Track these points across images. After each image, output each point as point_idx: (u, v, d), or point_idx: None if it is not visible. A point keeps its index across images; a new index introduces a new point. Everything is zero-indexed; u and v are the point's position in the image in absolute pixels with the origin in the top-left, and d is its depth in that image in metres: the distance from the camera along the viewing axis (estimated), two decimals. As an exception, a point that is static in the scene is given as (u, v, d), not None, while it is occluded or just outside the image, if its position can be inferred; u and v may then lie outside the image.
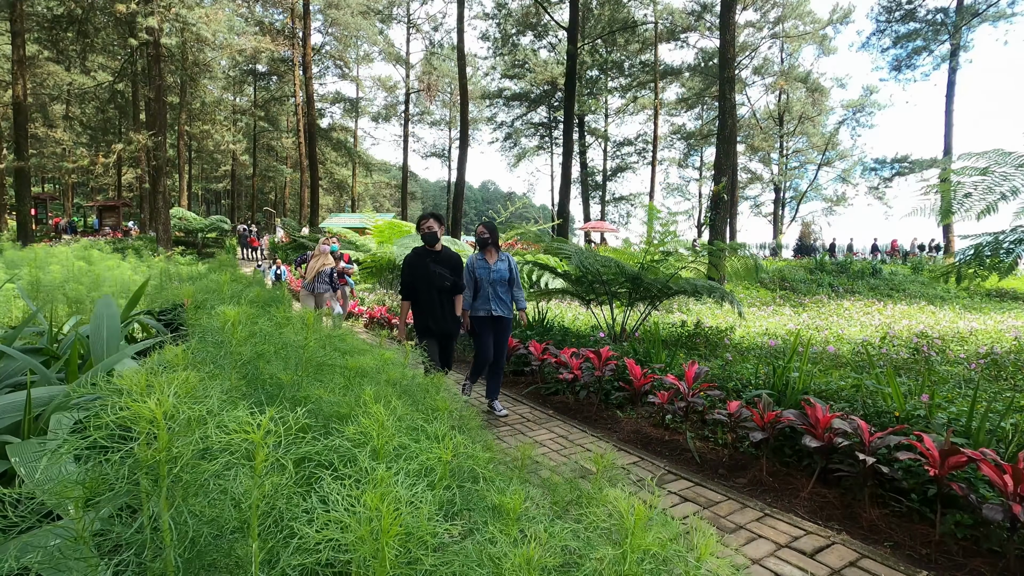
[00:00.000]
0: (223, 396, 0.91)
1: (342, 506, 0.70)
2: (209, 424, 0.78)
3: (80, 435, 0.75)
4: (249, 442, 0.76)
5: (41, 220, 27.76)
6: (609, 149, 41.95)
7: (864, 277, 18.98)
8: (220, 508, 0.76)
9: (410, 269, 4.18)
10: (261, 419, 0.77)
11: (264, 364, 1.37)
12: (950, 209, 4.79)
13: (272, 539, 0.75)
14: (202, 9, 21.33)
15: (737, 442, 3.56)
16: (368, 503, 0.66)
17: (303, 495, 0.81)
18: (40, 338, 3.06)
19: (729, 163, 17.17)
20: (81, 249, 11.72)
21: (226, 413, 0.80)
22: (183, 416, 0.78)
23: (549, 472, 1.20)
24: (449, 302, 4.24)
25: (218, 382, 0.97)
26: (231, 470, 0.77)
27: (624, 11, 32.77)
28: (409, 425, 1.00)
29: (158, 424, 0.74)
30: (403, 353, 1.91)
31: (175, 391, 0.79)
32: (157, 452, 0.74)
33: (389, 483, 0.71)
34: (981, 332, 8.04)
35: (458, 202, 24.71)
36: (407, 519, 0.68)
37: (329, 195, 47.43)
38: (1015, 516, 2.14)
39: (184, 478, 0.78)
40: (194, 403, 0.80)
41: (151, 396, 0.75)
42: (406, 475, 0.80)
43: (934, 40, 28.36)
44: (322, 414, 1.16)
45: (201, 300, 2.56)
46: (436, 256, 4.21)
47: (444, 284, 4.15)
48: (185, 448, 0.76)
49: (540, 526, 0.75)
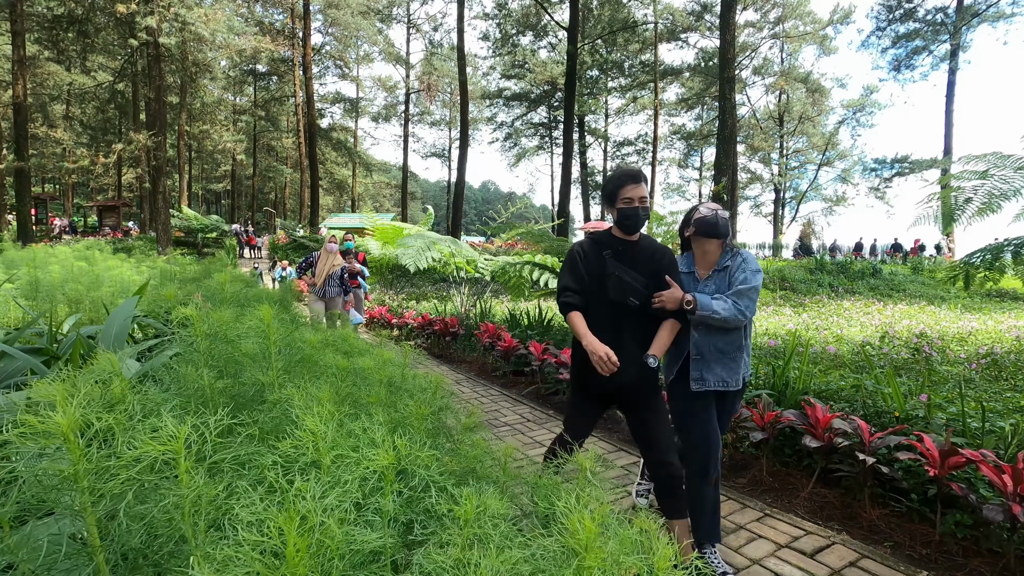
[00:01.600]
0: (149, 404, 0.89)
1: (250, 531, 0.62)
2: (118, 436, 0.76)
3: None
4: (168, 452, 0.73)
5: (41, 220, 27.79)
6: (609, 149, 41.96)
7: (864, 277, 18.98)
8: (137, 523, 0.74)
9: (577, 267, 2.26)
10: (182, 428, 0.74)
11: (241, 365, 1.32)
12: (952, 217, 4.78)
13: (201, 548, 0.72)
14: (201, 9, 21.34)
15: (737, 442, 3.56)
16: (280, 525, 0.59)
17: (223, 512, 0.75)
18: (40, 338, 3.06)
19: (729, 163, 17.16)
20: (83, 249, 11.72)
21: (139, 424, 0.78)
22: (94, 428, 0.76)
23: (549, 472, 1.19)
24: (641, 332, 2.22)
25: (137, 393, 0.95)
26: (135, 486, 0.74)
27: (624, 11, 32.77)
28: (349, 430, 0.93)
29: (67, 438, 0.73)
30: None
31: (85, 402, 0.78)
32: (73, 465, 0.73)
33: (307, 497, 0.65)
34: (981, 332, 8.03)
35: (458, 202, 24.72)
36: (331, 541, 0.62)
37: (329, 195, 47.43)
38: (1015, 516, 2.14)
39: (98, 490, 0.76)
40: (104, 413, 0.79)
41: (59, 409, 0.74)
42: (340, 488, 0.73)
43: (934, 40, 28.39)
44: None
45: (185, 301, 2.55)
46: (627, 251, 2.24)
47: (632, 301, 2.18)
48: (96, 462, 0.74)
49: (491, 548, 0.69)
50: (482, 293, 13.63)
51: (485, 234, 29.82)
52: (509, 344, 6.00)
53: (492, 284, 14.24)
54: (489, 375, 6.22)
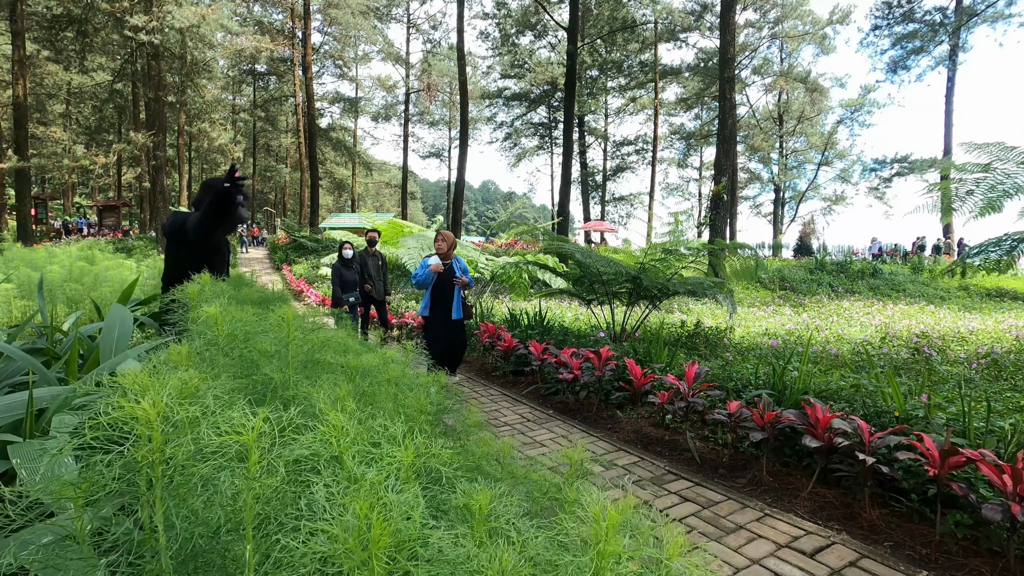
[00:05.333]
0: (221, 396, 0.90)
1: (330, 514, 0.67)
2: (202, 425, 0.78)
3: (78, 436, 0.75)
4: (241, 444, 0.75)
5: (41, 220, 27.80)
6: (609, 149, 41.96)
7: (864, 277, 18.99)
8: (211, 511, 0.75)
9: None
10: (254, 420, 0.76)
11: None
12: (951, 206, 4.77)
13: (266, 543, 0.74)
14: (192, 8, 21.30)
15: (737, 442, 3.57)
16: (357, 511, 0.64)
17: (295, 499, 0.79)
18: (40, 338, 3.06)
19: (729, 163, 17.18)
20: (85, 248, 11.73)
21: (219, 414, 0.80)
22: (177, 417, 0.77)
23: (548, 472, 1.19)
24: None
25: (216, 383, 0.97)
26: (221, 472, 0.77)
27: (624, 11, 32.77)
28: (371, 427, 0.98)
29: (152, 425, 0.74)
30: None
31: (170, 392, 0.79)
32: (151, 453, 0.74)
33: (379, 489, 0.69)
34: (981, 332, 8.03)
35: (458, 202, 24.72)
36: (399, 526, 0.66)
37: (329, 195, 47.44)
38: (1014, 516, 2.14)
39: (176, 479, 0.77)
40: (189, 404, 0.80)
41: (146, 397, 0.75)
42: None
43: (931, 40, 28.40)
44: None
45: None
46: None
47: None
48: (177, 450, 0.75)
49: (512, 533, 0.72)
50: (482, 293, 13.64)
51: (485, 234, 29.81)
52: (509, 344, 5.99)
53: (492, 284, 14.25)
54: (489, 375, 6.22)
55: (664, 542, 0.72)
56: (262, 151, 44.37)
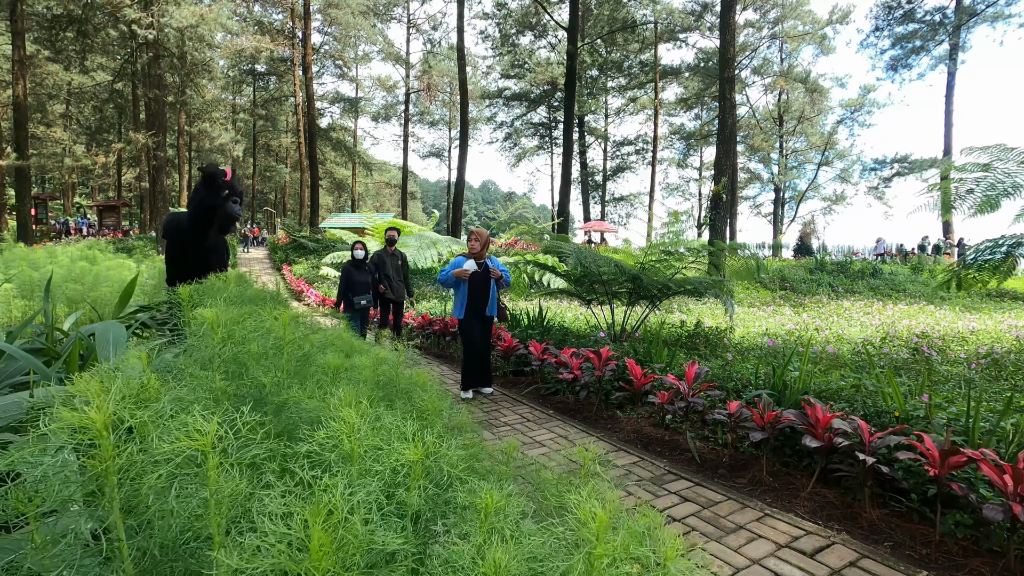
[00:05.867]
0: (182, 400, 0.89)
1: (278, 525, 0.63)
2: (151, 431, 0.76)
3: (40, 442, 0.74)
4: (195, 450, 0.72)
5: (41, 220, 27.79)
6: (609, 149, 41.97)
7: (864, 277, 18.98)
8: (166, 520, 0.74)
9: None
10: (209, 424, 0.73)
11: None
12: (950, 204, 4.78)
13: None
14: (190, 8, 21.30)
15: (737, 442, 3.56)
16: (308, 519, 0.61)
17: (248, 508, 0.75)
18: (40, 337, 3.06)
19: (729, 163, 17.17)
20: (85, 248, 11.73)
21: (173, 419, 0.78)
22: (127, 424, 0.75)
23: (548, 472, 1.19)
24: None
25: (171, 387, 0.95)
26: (173, 481, 0.74)
27: (624, 11, 32.78)
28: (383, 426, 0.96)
29: (98, 433, 0.72)
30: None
31: (117, 397, 0.77)
32: (101, 462, 0.72)
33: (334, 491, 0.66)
34: (981, 332, 8.03)
35: (458, 202, 24.72)
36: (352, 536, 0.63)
37: (329, 195, 47.43)
38: (1015, 516, 2.13)
39: (126, 488, 0.75)
40: (139, 409, 0.78)
41: (92, 404, 0.73)
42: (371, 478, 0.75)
43: (931, 40, 28.40)
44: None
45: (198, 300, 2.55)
46: None
47: None
48: (129, 458, 0.74)
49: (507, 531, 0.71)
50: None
51: (485, 234, 29.89)
52: (509, 344, 5.99)
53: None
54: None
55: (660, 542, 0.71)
56: (262, 151, 44.36)
